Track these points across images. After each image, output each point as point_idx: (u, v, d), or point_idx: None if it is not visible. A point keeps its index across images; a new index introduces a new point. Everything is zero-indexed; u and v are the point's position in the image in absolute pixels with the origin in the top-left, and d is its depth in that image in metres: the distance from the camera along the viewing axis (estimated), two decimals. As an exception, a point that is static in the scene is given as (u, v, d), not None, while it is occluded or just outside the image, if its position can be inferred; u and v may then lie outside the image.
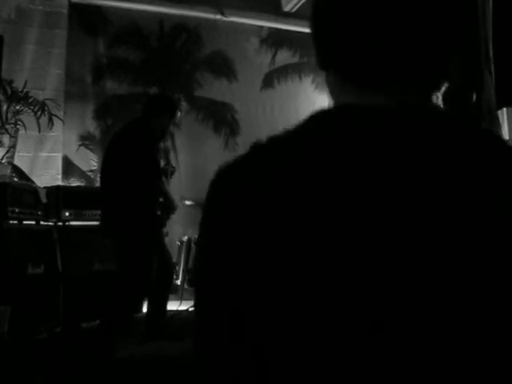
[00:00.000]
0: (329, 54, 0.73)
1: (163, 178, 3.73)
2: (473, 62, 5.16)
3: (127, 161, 3.41)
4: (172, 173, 4.15)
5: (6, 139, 4.69)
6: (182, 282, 4.98)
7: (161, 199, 3.68)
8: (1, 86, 4.39)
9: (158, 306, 3.90)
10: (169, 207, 3.79)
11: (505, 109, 5.65)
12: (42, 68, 5.43)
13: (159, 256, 3.55)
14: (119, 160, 3.46)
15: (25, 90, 4.82)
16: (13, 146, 4.72)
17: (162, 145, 3.92)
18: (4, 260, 3.61)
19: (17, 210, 3.86)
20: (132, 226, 3.39)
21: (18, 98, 4.79)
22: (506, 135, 5.56)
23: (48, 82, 5.45)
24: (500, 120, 5.34)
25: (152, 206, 3.55)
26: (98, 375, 2.96)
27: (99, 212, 3.94)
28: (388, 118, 0.64)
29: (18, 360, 3.19)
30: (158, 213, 3.65)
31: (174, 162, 5.78)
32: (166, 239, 3.89)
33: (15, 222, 3.88)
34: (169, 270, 3.99)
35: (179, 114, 3.83)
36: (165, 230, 3.85)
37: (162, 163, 3.87)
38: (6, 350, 3.29)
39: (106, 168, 3.59)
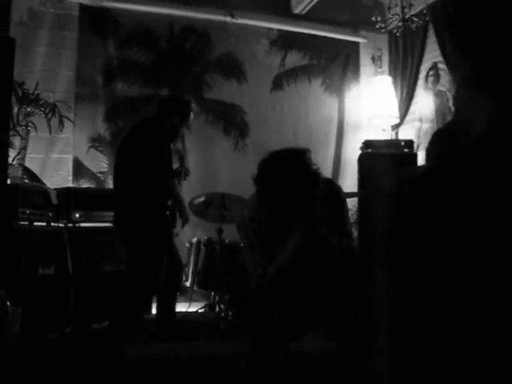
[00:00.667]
0: None
1: (175, 180, 3.73)
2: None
3: (137, 162, 3.42)
4: (186, 174, 4.15)
5: (17, 141, 4.72)
6: (192, 283, 4.98)
7: (171, 203, 3.69)
8: (12, 88, 4.42)
9: (167, 306, 3.92)
10: (181, 215, 3.77)
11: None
12: (52, 70, 5.45)
13: (168, 256, 3.56)
14: (129, 161, 3.48)
15: (36, 92, 4.85)
16: (24, 148, 4.75)
17: (173, 146, 3.93)
18: (15, 261, 3.64)
19: (27, 212, 3.88)
20: (142, 226, 3.41)
21: (28, 99, 4.81)
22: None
23: (58, 83, 5.47)
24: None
25: (162, 206, 3.56)
26: (107, 375, 2.97)
27: (109, 213, 3.95)
28: None
29: (29, 360, 3.21)
30: (168, 213, 3.67)
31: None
32: (176, 240, 3.89)
33: (26, 223, 3.91)
34: (177, 270, 4.00)
35: (192, 115, 3.84)
36: (175, 230, 3.85)
37: (175, 165, 3.87)
38: (18, 350, 3.31)
39: (117, 169, 3.61)
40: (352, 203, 5.78)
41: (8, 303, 3.35)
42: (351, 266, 2.48)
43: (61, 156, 5.46)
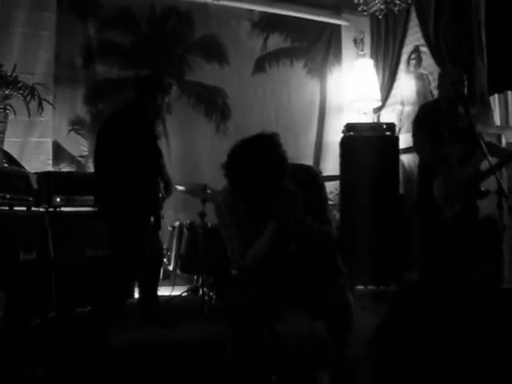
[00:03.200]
0: None
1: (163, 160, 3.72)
2: (465, 49, 5.17)
3: (126, 144, 3.39)
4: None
5: (-5, 124, 4.64)
6: (175, 267, 4.98)
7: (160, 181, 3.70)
8: (-10, 70, 4.33)
9: (149, 290, 3.92)
10: (167, 188, 3.81)
11: (496, 95, 5.68)
12: (31, 51, 5.35)
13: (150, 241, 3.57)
14: (116, 144, 3.44)
15: (14, 74, 4.75)
16: (2, 132, 4.66)
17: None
18: (-5, 246, 3.61)
19: (7, 196, 3.84)
20: (128, 211, 3.39)
21: (6, 82, 4.71)
22: (497, 121, 5.59)
23: (37, 66, 5.37)
24: (491, 106, 5.37)
25: (153, 188, 3.55)
26: (91, 360, 2.96)
27: (91, 198, 3.92)
28: None
29: (13, 346, 3.19)
30: (160, 195, 3.67)
31: (165, 147, 5.78)
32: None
33: (6, 208, 3.86)
34: (158, 254, 4.01)
35: (171, 92, 3.83)
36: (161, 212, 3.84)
37: None
38: (1, 336, 3.30)
39: (101, 152, 3.57)
40: (334, 186, 5.88)
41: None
42: (328, 250, 2.50)
43: (40, 140, 5.38)
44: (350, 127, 5.58)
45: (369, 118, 6.45)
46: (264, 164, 2.20)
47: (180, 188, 4.47)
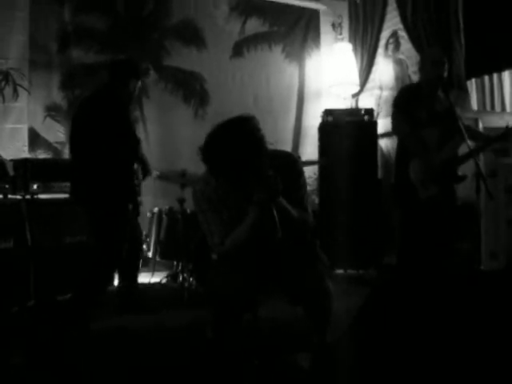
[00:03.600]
0: None
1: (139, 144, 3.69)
2: (443, 33, 5.19)
3: (102, 129, 3.35)
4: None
5: (-32, 110, 4.55)
6: (154, 254, 4.97)
7: (136, 165, 3.68)
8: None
9: (129, 277, 3.91)
10: (144, 170, 3.80)
11: (473, 79, 5.74)
12: (4, 34, 5.23)
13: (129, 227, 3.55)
14: (92, 128, 3.40)
15: (-13, 59, 4.67)
16: (-24, 118, 4.59)
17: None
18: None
19: (-17, 184, 3.78)
20: (108, 195, 3.37)
21: (-20, 67, 4.64)
22: (474, 105, 5.65)
23: (11, 50, 5.26)
24: (469, 90, 5.42)
25: (128, 174, 3.52)
26: (71, 347, 2.96)
27: (68, 184, 3.88)
28: None
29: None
30: (136, 181, 3.65)
31: (143, 133, 5.73)
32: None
33: (-18, 195, 3.81)
34: (137, 240, 4.00)
35: (148, 76, 3.82)
36: (139, 198, 3.82)
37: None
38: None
39: (76, 137, 3.52)
40: (312, 171, 5.90)
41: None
42: (306, 237, 2.51)
43: (15, 126, 5.28)
44: (328, 112, 5.59)
45: (347, 103, 6.47)
46: (241, 145, 2.18)
47: (156, 173, 4.45)
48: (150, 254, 5.04)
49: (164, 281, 4.82)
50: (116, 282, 4.03)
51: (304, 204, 2.49)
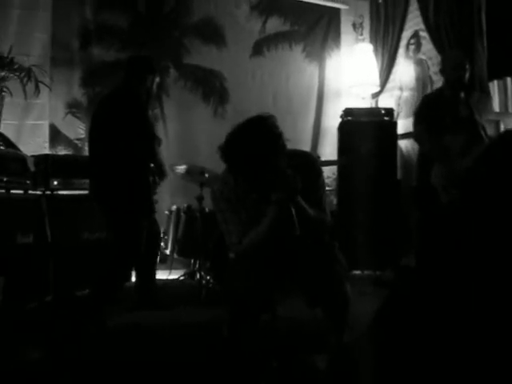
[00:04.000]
0: None
1: (157, 144, 3.70)
2: (466, 34, 5.13)
3: (119, 127, 3.37)
4: (158, 145, 4.12)
5: (-9, 107, 4.61)
6: (172, 251, 4.98)
7: (152, 165, 3.68)
8: (-15, 52, 4.29)
9: (147, 274, 3.93)
10: (160, 173, 3.79)
11: (495, 81, 5.67)
12: (27, 33, 5.28)
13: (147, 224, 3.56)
14: (110, 127, 3.42)
15: (10, 56, 4.71)
16: (-2, 114, 4.64)
17: (151, 112, 3.90)
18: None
19: (4, 179, 3.82)
20: (126, 192, 3.38)
21: (3, 64, 4.68)
22: (496, 107, 5.58)
23: (33, 47, 5.32)
24: (491, 92, 5.35)
25: (146, 172, 3.54)
26: (89, 343, 2.97)
27: (88, 181, 3.91)
28: None
29: (11, 329, 3.20)
30: (151, 178, 3.65)
31: (163, 131, 5.75)
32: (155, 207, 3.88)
33: (3, 191, 3.84)
34: (155, 237, 4.01)
35: (168, 75, 3.81)
36: (155, 197, 3.84)
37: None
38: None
39: (95, 135, 3.55)
40: (331, 171, 5.87)
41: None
42: (324, 238, 2.50)
43: (37, 122, 5.34)
44: (348, 112, 5.56)
45: (367, 103, 6.43)
46: (259, 141, 2.18)
47: (179, 169, 4.47)
48: (167, 252, 5.06)
49: (181, 278, 4.83)
50: (133, 279, 4.05)
51: (322, 204, 2.48)
